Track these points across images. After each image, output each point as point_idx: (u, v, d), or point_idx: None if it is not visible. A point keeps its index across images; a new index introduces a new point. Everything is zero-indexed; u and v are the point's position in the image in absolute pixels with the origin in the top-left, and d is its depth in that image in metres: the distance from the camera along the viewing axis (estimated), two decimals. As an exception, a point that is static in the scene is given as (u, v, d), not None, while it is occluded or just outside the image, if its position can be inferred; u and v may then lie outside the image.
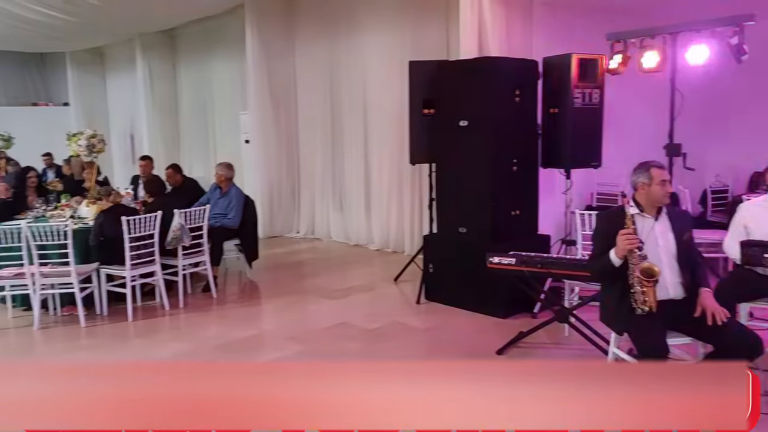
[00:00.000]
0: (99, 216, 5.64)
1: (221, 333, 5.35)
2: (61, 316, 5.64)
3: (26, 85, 15.88)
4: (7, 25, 10.71)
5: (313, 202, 9.27)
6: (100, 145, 6.65)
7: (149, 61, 11.76)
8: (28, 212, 6.32)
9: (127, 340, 5.26)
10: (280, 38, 9.08)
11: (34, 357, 4.91)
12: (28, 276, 5.25)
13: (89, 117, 14.10)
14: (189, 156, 11.76)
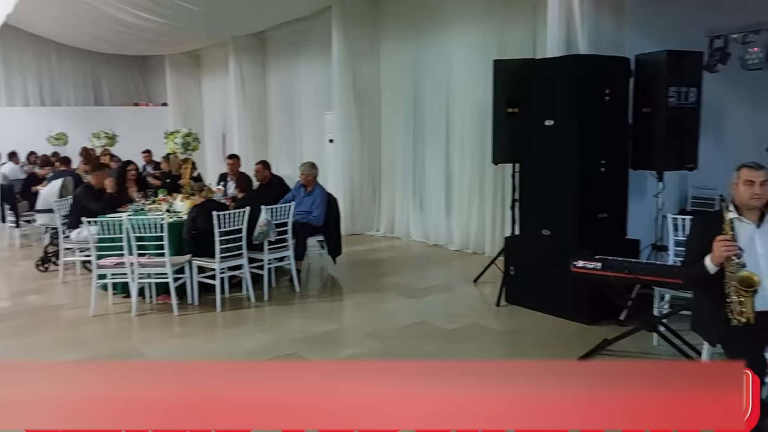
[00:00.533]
0: (192, 210, 5.94)
1: (303, 326, 5.50)
2: (156, 304, 5.98)
3: (129, 86, 16.97)
4: (113, 30, 11.49)
5: (393, 201, 9.34)
6: (195, 143, 7.01)
7: (241, 63, 12.24)
8: (129, 205, 6.74)
9: (216, 329, 5.51)
10: (365, 39, 9.21)
11: (131, 341, 5.25)
12: (128, 265, 5.61)
13: (186, 116, 14.88)
14: (276, 154, 12.15)
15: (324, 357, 4.66)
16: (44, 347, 5.03)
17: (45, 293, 6.62)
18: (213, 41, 12.92)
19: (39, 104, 15.47)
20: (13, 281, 7.46)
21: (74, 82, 16.05)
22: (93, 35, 13.04)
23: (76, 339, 5.26)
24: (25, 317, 5.84)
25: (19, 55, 15.22)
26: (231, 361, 4.57)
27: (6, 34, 13.76)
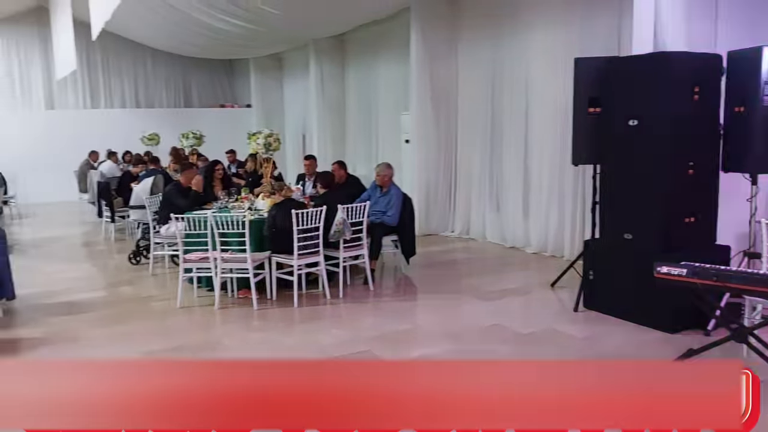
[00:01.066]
0: (272, 209, 6.14)
1: (377, 324, 5.56)
2: (237, 298, 6.22)
3: (216, 89, 17.73)
4: (203, 35, 12.04)
5: (469, 202, 9.27)
6: (276, 143, 7.22)
7: (321, 65, 12.52)
8: (214, 203, 7.04)
9: (293, 324, 5.67)
10: (443, 40, 9.19)
11: (213, 333, 5.49)
12: (212, 260, 5.86)
13: (268, 117, 15.39)
14: (353, 154, 12.34)
15: (396, 356, 4.70)
16: (136, 336, 5.35)
17: (136, 285, 7.03)
18: (295, 44, 13.29)
19: (134, 106, 16.44)
20: (108, 273, 7.96)
21: (166, 85, 16.95)
22: (184, 41, 13.72)
23: (163, 329, 5.55)
24: (119, 307, 6.23)
25: (118, 61, 16.24)
26: (304, 356, 4.70)
27: (107, 41, 14.71)
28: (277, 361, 3.36)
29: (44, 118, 15.06)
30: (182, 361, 3.31)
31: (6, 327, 5.59)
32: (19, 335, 5.43)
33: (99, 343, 5.23)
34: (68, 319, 5.74)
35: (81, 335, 5.35)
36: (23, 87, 15.32)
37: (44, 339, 5.25)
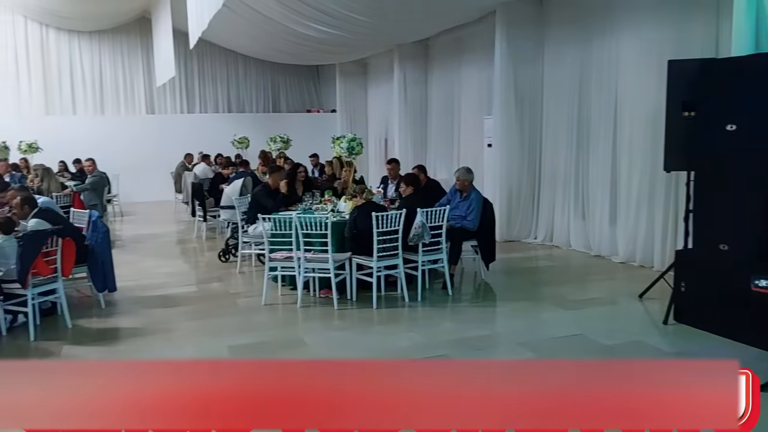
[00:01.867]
0: (354, 211, 6.26)
1: (455, 329, 5.55)
2: (319, 298, 6.38)
3: (303, 94, 18.27)
4: (292, 42, 12.44)
5: (552, 208, 9.05)
6: (359, 147, 7.35)
7: (404, 70, 12.63)
8: (298, 204, 7.26)
9: (371, 325, 5.75)
10: (529, 43, 9.05)
11: (295, 330, 5.66)
12: (295, 260, 6.06)
13: (352, 122, 15.68)
14: (434, 158, 12.35)
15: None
16: (223, 330, 5.61)
17: (225, 281, 7.36)
18: (380, 49, 13.47)
19: (226, 111, 17.21)
20: (199, 269, 8.39)
21: (257, 91, 17.64)
22: (275, 48, 14.24)
23: (249, 324, 5.79)
24: (208, 302, 6.55)
25: (212, 68, 17.07)
26: (374, 357, 4.76)
27: (202, 49, 15.51)
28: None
29: (145, 122, 16.04)
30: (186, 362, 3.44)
31: (108, 316, 6.01)
32: (119, 324, 5.83)
33: (190, 335, 5.52)
34: (163, 312, 6.10)
35: (174, 327, 5.67)
36: (127, 93, 16.39)
37: (141, 329, 5.61)
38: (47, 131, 13.68)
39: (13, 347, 5.17)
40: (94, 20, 15.43)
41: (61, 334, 5.45)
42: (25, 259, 5.14)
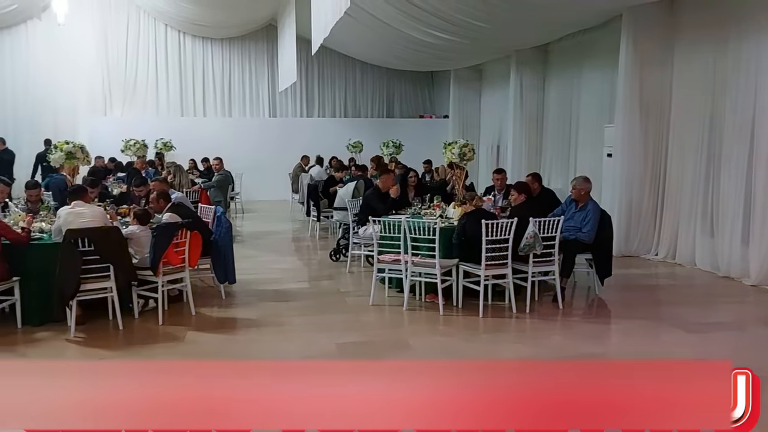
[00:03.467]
0: (462, 217, 6.23)
1: (563, 344, 5.37)
2: (425, 302, 6.40)
3: (417, 99, 18.44)
4: (409, 49, 12.61)
5: (677, 224, 8.47)
6: (470, 153, 7.32)
7: (521, 76, 12.39)
8: (408, 209, 7.34)
9: (477, 333, 5.69)
10: (656, 48, 8.55)
11: (401, 332, 5.72)
12: (403, 263, 6.12)
13: (464, 128, 15.60)
14: (549, 167, 12.00)
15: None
16: (332, 327, 5.78)
17: (335, 280, 7.58)
18: (497, 55, 13.32)
19: (343, 115, 17.73)
20: (311, 267, 8.70)
21: (372, 96, 18.03)
22: (392, 54, 14.50)
23: (357, 323, 5.93)
24: (319, 299, 6.78)
25: (331, 73, 17.67)
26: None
27: (323, 55, 16.11)
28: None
29: (267, 125, 16.89)
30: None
31: (227, 307, 6.39)
32: (237, 315, 6.18)
33: (301, 330, 5.75)
34: (277, 305, 6.39)
35: (286, 321, 5.93)
36: (252, 96, 17.34)
37: (256, 321, 5.92)
38: (181, 131, 14.79)
39: (143, 330, 5.64)
40: (227, 28, 16.48)
41: (185, 320, 5.87)
42: (157, 248, 5.59)
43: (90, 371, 2.67)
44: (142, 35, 16.39)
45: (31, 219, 5.96)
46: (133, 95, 16.41)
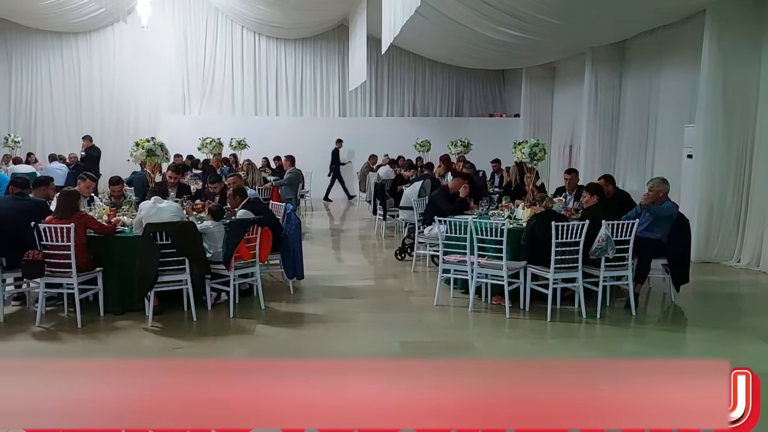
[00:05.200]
0: (532, 219, 6.10)
1: (635, 352, 5.19)
2: (491, 304, 6.32)
3: (487, 98, 18.20)
4: (480, 47, 12.47)
5: (762, 229, 7.98)
6: (541, 153, 7.15)
7: (596, 74, 12.00)
8: (475, 209, 7.26)
9: (544, 337, 5.58)
10: (743, 43, 8.09)
11: (465, 334, 5.68)
12: (468, 264, 6.07)
13: (535, 127, 15.29)
14: (624, 168, 11.58)
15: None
16: (396, 325, 5.80)
17: (400, 279, 7.61)
18: (571, 53, 12.97)
19: (411, 114, 17.74)
20: (377, 265, 8.77)
21: (441, 95, 17.94)
22: (462, 53, 14.38)
23: (420, 322, 5.93)
24: (384, 297, 6.83)
25: (400, 72, 17.70)
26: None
27: (393, 54, 16.18)
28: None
29: (337, 124, 17.12)
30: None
31: (295, 302, 6.54)
32: (304, 310, 6.31)
33: (365, 327, 5.81)
34: (343, 302, 6.48)
35: (351, 318, 6.00)
36: (323, 96, 17.62)
37: (323, 317, 6.02)
38: (254, 130, 15.19)
39: (215, 322, 5.85)
40: (300, 29, 16.82)
41: (255, 313, 6.04)
42: (230, 243, 5.79)
43: (90, 371, 2.68)
44: (219, 37, 16.95)
45: (114, 213, 6.30)
46: (210, 95, 17.01)
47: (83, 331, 5.47)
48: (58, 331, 5.54)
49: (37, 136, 16.09)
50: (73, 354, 5.02)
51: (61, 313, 5.87)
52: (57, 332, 5.51)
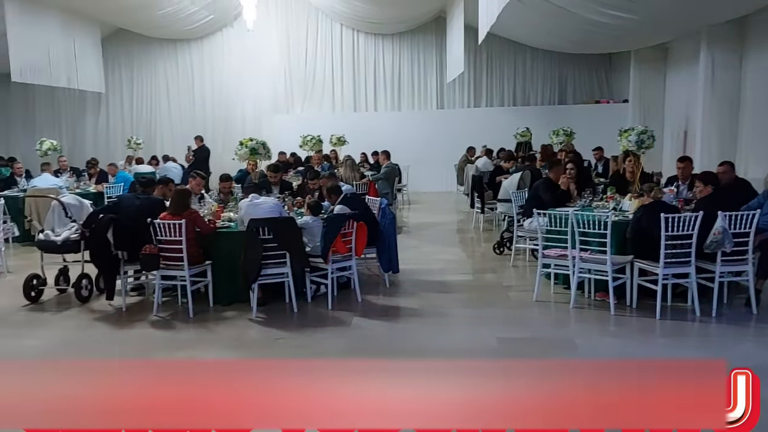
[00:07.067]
0: (638, 210, 5.77)
1: (755, 353, 4.76)
2: (594, 300, 6.05)
3: (592, 84, 17.37)
4: (583, 30, 11.94)
5: None
6: (649, 141, 6.75)
7: (713, 53, 11.11)
8: (577, 201, 6.97)
9: (652, 337, 5.26)
10: None
11: (566, 330, 5.46)
12: (570, 258, 5.83)
13: (645, 113, 14.42)
14: (746, 155, 10.66)
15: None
16: (493, 321, 5.70)
17: (498, 273, 7.46)
18: (683, 32, 12.10)
19: (511, 104, 17.31)
20: (475, 259, 8.64)
21: (542, 83, 17.35)
22: (563, 37, 13.83)
23: (519, 318, 5.79)
24: (481, 292, 6.73)
25: (499, 61, 17.31)
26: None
27: (491, 43, 15.83)
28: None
29: (434, 117, 17.06)
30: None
31: (390, 296, 6.59)
32: (400, 304, 6.35)
33: (462, 322, 5.75)
34: (439, 296, 6.45)
35: (448, 312, 5.96)
36: (420, 89, 17.60)
37: (418, 310, 6.02)
38: (353, 126, 15.46)
39: (315, 313, 6.02)
40: (397, 23, 16.90)
41: (352, 306, 6.15)
42: (327, 238, 5.93)
43: (90, 371, 2.74)
44: (320, 36, 17.39)
45: (221, 210, 6.64)
46: (311, 93, 17.51)
47: (194, 320, 5.82)
48: (173, 320, 5.93)
49: (156, 138, 17.32)
50: (186, 343, 5.35)
51: (175, 304, 6.27)
52: (171, 321, 5.90)
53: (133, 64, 17.43)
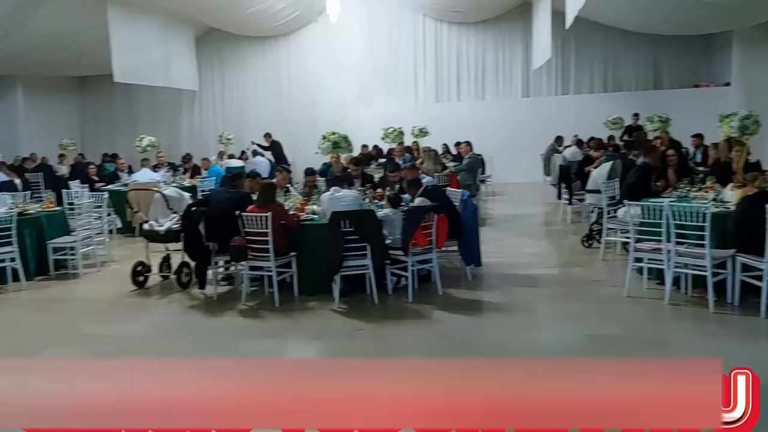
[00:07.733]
0: (742, 202, 5.37)
1: None
2: (691, 297, 5.69)
3: (690, 67, 16.28)
4: (678, 9, 11.23)
5: None
6: (754, 126, 6.26)
7: (830, 28, 10.15)
8: (672, 191, 6.57)
9: (756, 337, 4.91)
10: None
11: (658, 328, 5.17)
12: (665, 252, 5.51)
13: (750, 97, 13.37)
14: None
15: None
16: (582, 317, 5.49)
17: (586, 267, 7.17)
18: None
19: (602, 91, 16.58)
20: (561, 252, 8.36)
21: (635, 68, 16.48)
22: (660, 17, 13.06)
23: (609, 315, 5.54)
24: (568, 286, 6.50)
25: (589, 46, 16.59)
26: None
27: (579, 27, 15.15)
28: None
29: (520, 105, 16.62)
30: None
31: (473, 289, 6.49)
32: (483, 297, 6.24)
33: (549, 318, 5.59)
34: (524, 291, 6.29)
35: (534, 308, 5.80)
36: (505, 77, 17.19)
37: (503, 305, 5.90)
38: (435, 117, 15.35)
39: (395, 305, 6.03)
40: (481, 11, 16.59)
41: (432, 299, 6.11)
42: (407, 230, 5.92)
43: (90, 371, 2.76)
44: (402, 28, 17.36)
45: (305, 203, 6.78)
46: (395, 85, 17.53)
47: (280, 309, 5.98)
48: (260, 309, 6.12)
49: (245, 133, 17.95)
50: (272, 331, 5.51)
51: (262, 293, 6.47)
52: (258, 310, 6.10)
53: (224, 63, 18.13)
